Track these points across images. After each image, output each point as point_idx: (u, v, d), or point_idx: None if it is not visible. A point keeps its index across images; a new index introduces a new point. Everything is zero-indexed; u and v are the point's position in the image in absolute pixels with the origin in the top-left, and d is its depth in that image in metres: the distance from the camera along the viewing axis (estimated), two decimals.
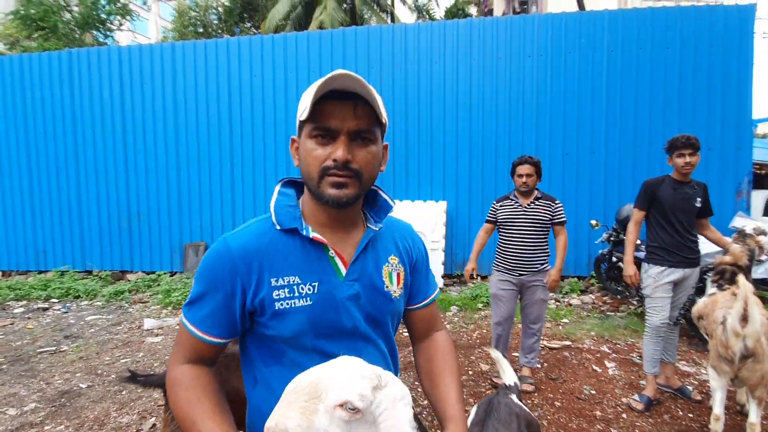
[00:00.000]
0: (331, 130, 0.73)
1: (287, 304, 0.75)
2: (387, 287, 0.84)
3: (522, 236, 2.85)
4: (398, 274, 0.87)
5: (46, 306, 5.29)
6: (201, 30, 18.12)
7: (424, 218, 5.45)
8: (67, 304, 5.35)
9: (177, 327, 4.38)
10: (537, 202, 2.87)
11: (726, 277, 2.41)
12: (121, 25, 15.38)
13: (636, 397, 2.70)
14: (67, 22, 14.21)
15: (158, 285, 5.79)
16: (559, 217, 2.87)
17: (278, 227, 0.79)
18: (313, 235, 0.78)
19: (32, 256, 6.53)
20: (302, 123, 0.76)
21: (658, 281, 2.64)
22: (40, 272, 6.52)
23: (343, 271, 0.80)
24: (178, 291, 5.28)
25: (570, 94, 5.37)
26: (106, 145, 6.25)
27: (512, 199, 2.93)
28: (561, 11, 5.50)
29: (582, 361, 3.34)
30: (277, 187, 0.84)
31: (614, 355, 3.46)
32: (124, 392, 2.96)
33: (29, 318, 4.85)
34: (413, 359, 0.99)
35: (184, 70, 6.09)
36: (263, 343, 0.80)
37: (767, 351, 2.01)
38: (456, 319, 4.47)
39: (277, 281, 0.75)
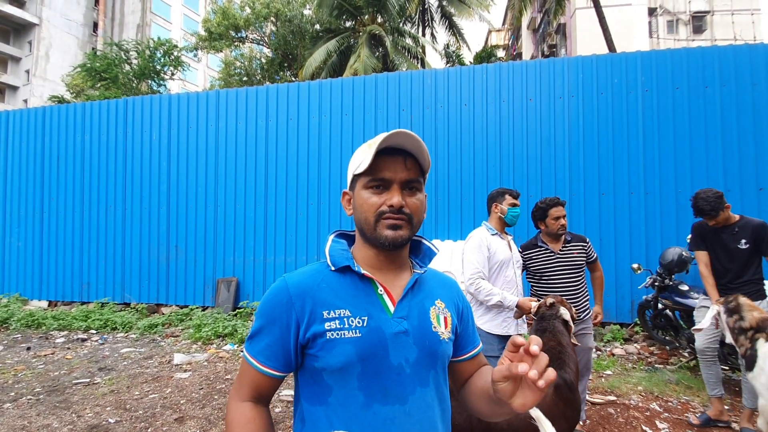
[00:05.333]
0: (386, 180, 0.82)
1: (337, 334, 0.78)
2: (435, 328, 0.85)
3: (562, 283, 2.68)
4: (445, 318, 0.89)
5: (85, 337, 5.48)
6: (245, 79, 19.54)
7: (454, 257, 5.34)
8: (105, 336, 5.52)
9: (205, 363, 4.40)
10: (569, 246, 2.73)
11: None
12: (173, 75, 16.86)
13: (697, 414, 2.82)
14: (126, 73, 15.74)
15: (190, 319, 5.89)
16: (592, 255, 2.81)
17: (332, 268, 0.85)
18: (363, 271, 0.84)
19: (77, 287, 6.86)
20: (356, 176, 0.85)
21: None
22: (83, 303, 6.82)
23: (392, 308, 0.84)
24: (208, 326, 5.34)
25: (604, 135, 5.28)
26: (152, 183, 6.65)
27: (542, 246, 2.73)
28: (591, 53, 5.54)
29: (629, 420, 3.05)
30: (331, 237, 0.92)
31: (666, 414, 3.14)
32: (149, 429, 2.95)
33: (68, 348, 5.03)
34: (462, 400, 0.95)
35: (226, 114, 6.50)
36: (312, 378, 0.82)
37: None
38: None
39: (329, 313, 0.80)
